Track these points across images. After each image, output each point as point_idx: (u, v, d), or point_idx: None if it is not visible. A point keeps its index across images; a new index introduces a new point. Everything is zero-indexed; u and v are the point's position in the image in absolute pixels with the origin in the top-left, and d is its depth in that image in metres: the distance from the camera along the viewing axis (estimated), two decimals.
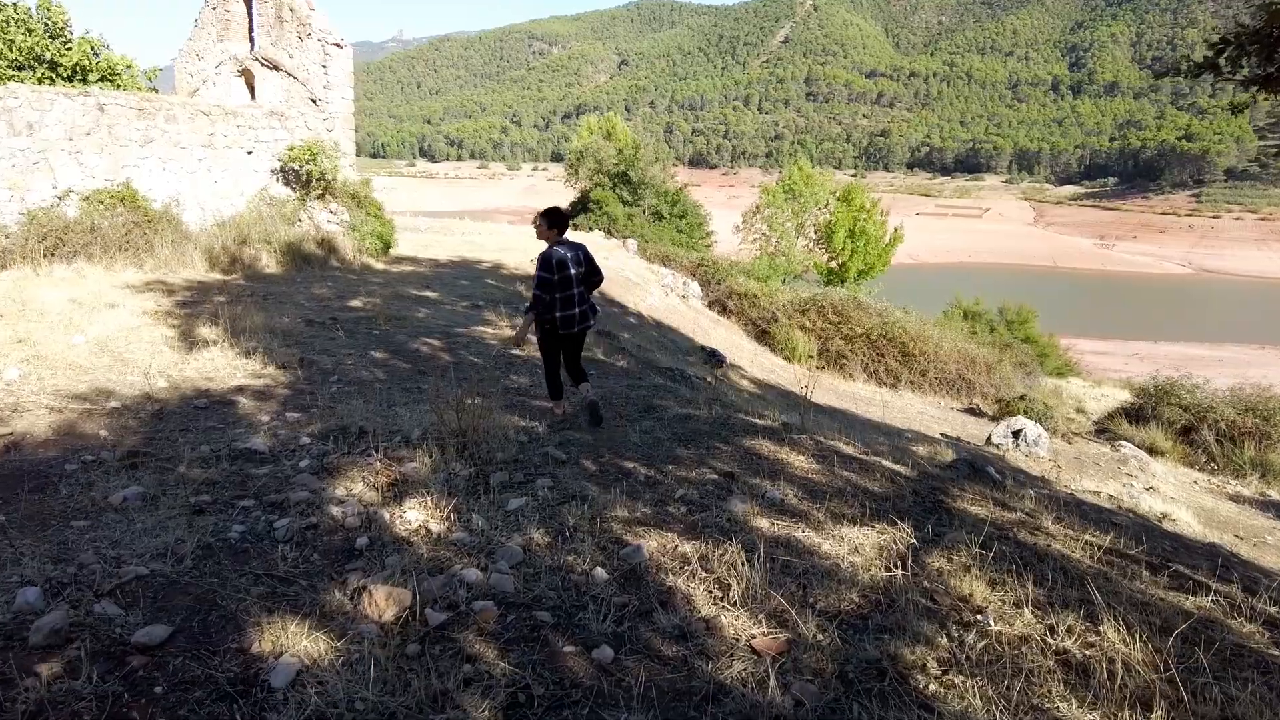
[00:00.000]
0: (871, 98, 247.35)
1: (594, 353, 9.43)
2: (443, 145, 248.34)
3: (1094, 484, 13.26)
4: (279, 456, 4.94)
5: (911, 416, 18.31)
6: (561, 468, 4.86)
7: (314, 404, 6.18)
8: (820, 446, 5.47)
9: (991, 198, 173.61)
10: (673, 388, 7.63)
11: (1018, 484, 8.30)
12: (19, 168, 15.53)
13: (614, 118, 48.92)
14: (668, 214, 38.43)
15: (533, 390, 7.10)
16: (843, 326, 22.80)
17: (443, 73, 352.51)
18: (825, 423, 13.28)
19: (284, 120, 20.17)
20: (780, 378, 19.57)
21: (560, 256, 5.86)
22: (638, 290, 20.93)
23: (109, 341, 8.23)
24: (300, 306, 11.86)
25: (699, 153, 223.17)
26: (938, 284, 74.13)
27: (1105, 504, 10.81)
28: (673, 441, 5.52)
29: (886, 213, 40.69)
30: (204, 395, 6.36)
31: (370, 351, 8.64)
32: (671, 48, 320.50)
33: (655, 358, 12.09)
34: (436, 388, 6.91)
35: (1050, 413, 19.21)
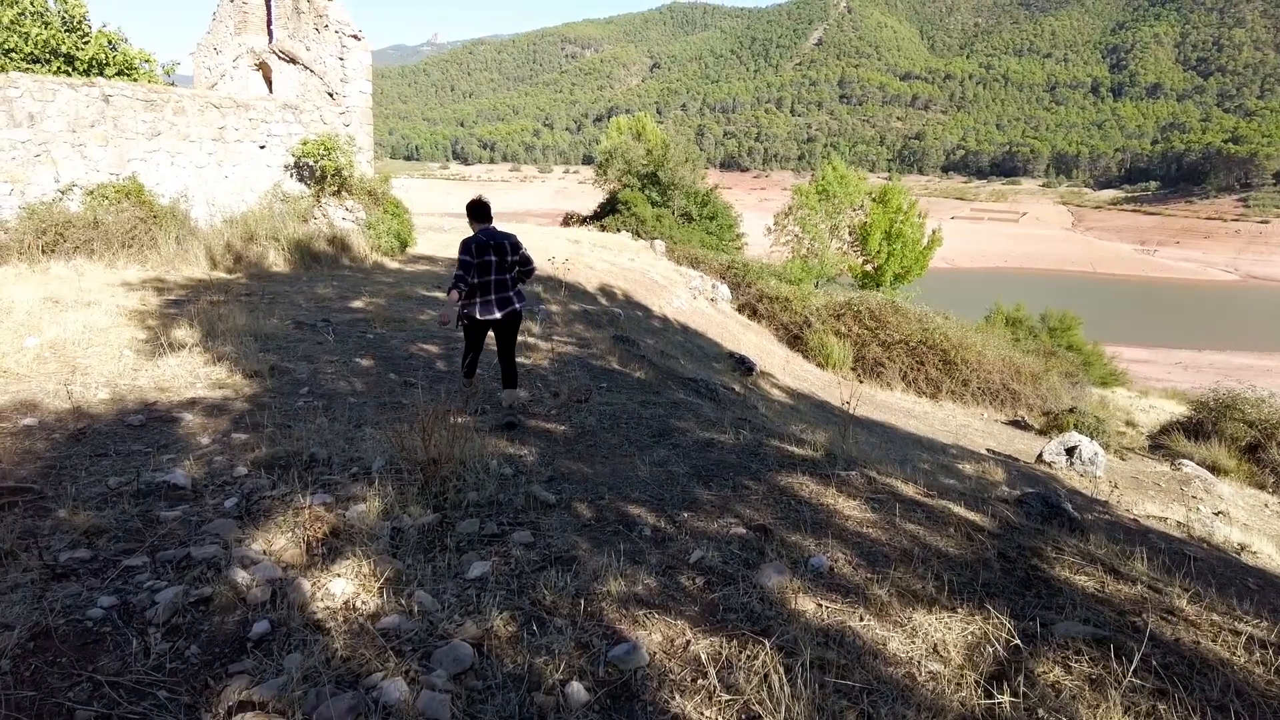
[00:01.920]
0: (906, 100, 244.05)
1: (608, 361, 8.43)
2: (476, 148, 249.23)
3: (1158, 508, 11.99)
4: (201, 493, 3.98)
5: (954, 429, 17.10)
6: (548, 514, 3.84)
7: (271, 422, 5.24)
8: (874, 486, 4.40)
9: (1028, 202, 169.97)
10: (695, 404, 6.61)
11: (1102, 528, 7.14)
12: (19, 160, 14.90)
13: (644, 118, 47.97)
14: (697, 215, 37.35)
15: (531, 406, 6.11)
16: (880, 332, 21.60)
17: (476, 76, 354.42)
18: (864, 438, 12.16)
19: (298, 114, 19.44)
20: (814, 386, 18.45)
21: (479, 243, 5.98)
22: (664, 293, 19.90)
23: (66, 345, 7.39)
24: (296, 307, 10.99)
25: (730, 155, 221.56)
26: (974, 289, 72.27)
27: (1174, 532, 9.58)
28: (691, 478, 4.48)
29: (925, 214, 39.26)
30: (146, 410, 5.45)
31: (356, 358, 7.71)
32: (704, 50, 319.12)
33: (678, 366, 11.04)
34: (419, 404, 5.94)
35: (1102, 427, 17.88)
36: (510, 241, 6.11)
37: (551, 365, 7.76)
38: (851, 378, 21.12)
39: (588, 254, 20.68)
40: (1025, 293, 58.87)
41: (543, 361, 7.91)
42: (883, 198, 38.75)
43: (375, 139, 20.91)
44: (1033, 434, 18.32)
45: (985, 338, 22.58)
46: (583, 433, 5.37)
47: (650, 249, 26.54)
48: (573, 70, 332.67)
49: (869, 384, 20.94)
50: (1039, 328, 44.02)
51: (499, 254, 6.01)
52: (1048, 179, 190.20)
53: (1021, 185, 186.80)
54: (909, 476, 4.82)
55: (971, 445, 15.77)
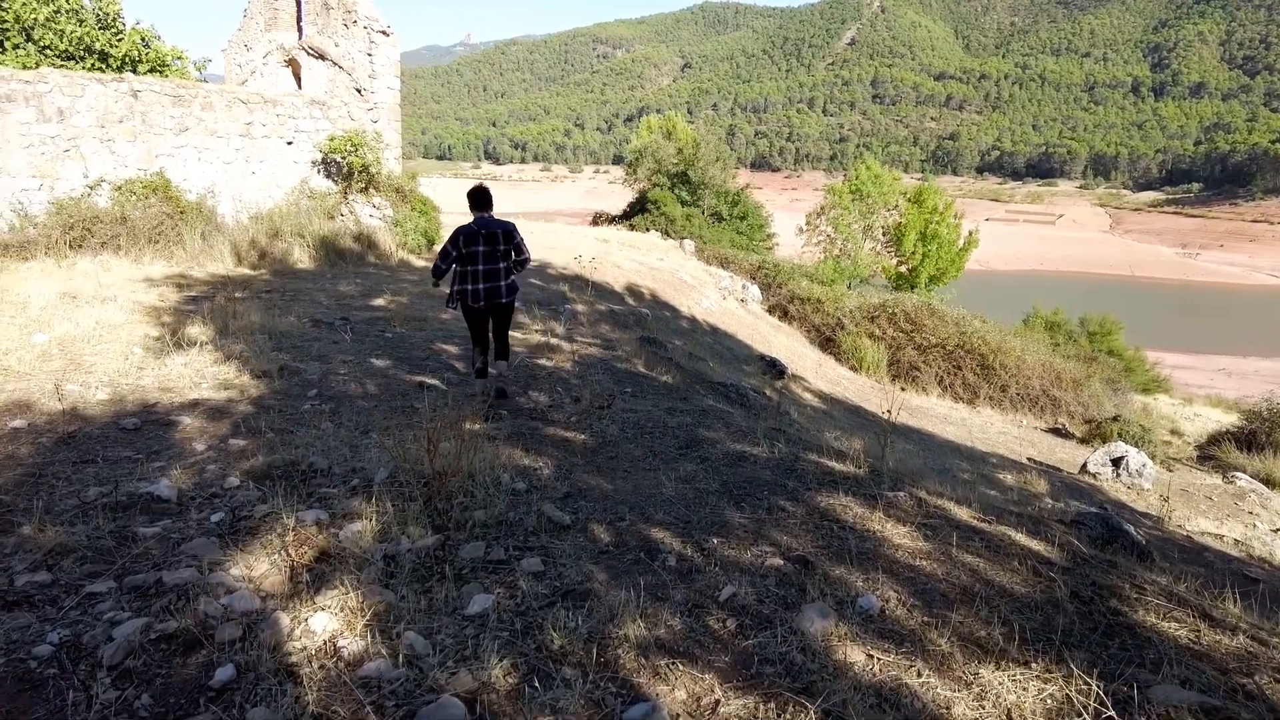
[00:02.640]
0: (940, 100, 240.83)
1: (634, 364, 8.04)
2: (507, 148, 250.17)
3: (1211, 524, 11.34)
4: (186, 506, 3.65)
5: (992, 437, 16.49)
6: (561, 537, 3.45)
7: (273, 427, 4.91)
8: (925, 510, 3.96)
9: (1065, 203, 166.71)
10: (725, 412, 6.18)
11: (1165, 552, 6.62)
12: (49, 155, 14.86)
13: (675, 117, 47.55)
14: (728, 215, 36.83)
15: (550, 413, 5.73)
16: (916, 335, 20.98)
17: (508, 76, 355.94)
18: (902, 445, 11.65)
19: (326, 109, 19.29)
20: (847, 390, 17.91)
21: (469, 231, 5.95)
22: (693, 293, 19.46)
23: (75, 341, 7.16)
24: (316, 304, 10.73)
25: (761, 155, 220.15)
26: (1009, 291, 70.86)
27: (1232, 551, 8.97)
28: (721, 496, 4.06)
29: (961, 215, 38.38)
30: (144, 412, 5.15)
31: (371, 359, 7.39)
32: (735, 50, 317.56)
33: (707, 370, 10.61)
34: (431, 408, 5.59)
35: (1148, 436, 17.17)
36: (504, 230, 6.05)
37: (574, 368, 7.38)
38: (886, 381, 20.56)
39: (616, 253, 20.30)
40: (1062, 296, 57.56)
41: (565, 364, 7.53)
42: (918, 198, 37.96)
43: (409, 138, 20.75)
44: (1074, 442, 17.64)
45: (1024, 342, 21.88)
46: (604, 443, 4.97)
47: (679, 249, 26.11)
48: (604, 70, 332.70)
49: (903, 388, 20.36)
50: (1078, 332, 42.95)
51: (490, 243, 5.96)
52: (1085, 180, 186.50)
53: (1058, 187, 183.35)
54: (962, 497, 4.36)
55: (1011, 454, 15.18)
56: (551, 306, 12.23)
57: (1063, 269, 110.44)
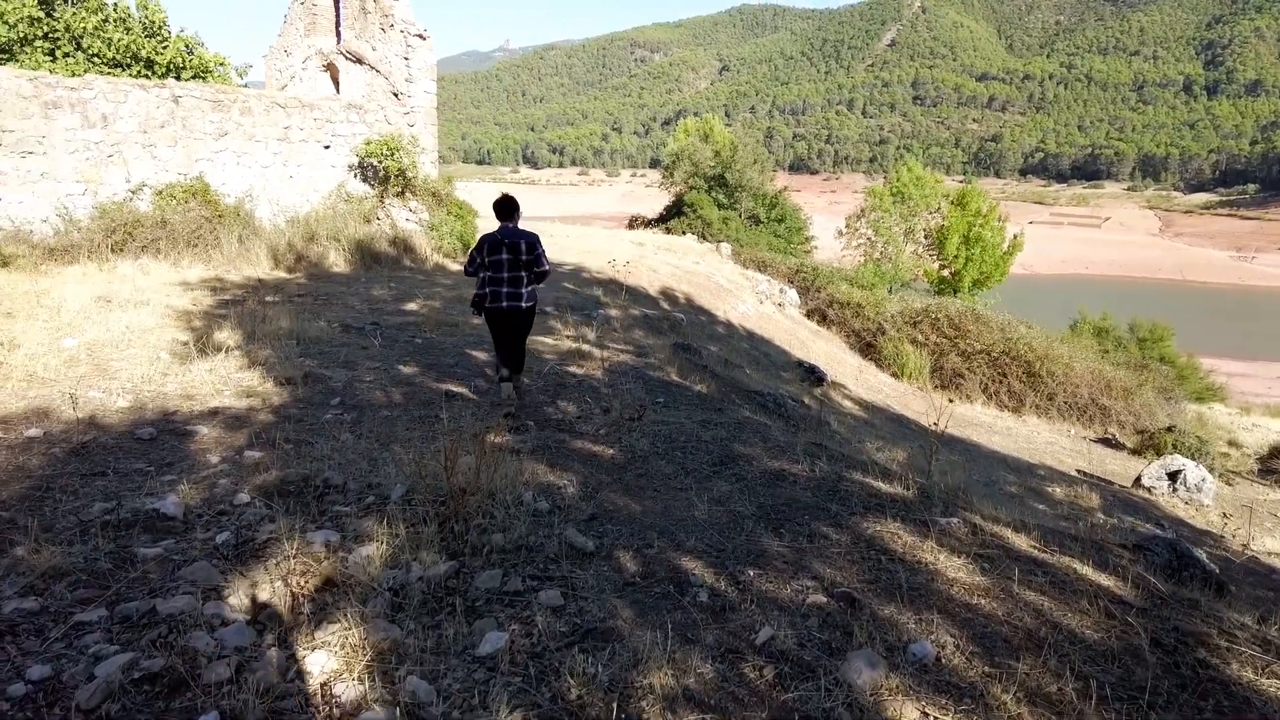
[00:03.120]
0: (982, 101, 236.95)
1: (667, 372, 7.77)
2: (545, 152, 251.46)
3: (1278, 543, 10.77)
4: (192, 524, 3.46)
5: (1039, 447, 15.94)
6: (585, 565, 3.20)
7: (292, 438, 4.74)
8: (981, 538, 3.63)
9: (1112, 206, 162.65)
10: (762, 425, 5.87)
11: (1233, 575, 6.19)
12: (93, 160, 15.05)
13: (712, 119, 47.19)
14: (765, 217, 36.37)
15: (578, 424, 5.48)
16: (960, 341, 20.42)
17: (546, 81, 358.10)
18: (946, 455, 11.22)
19: (362, 113, 19.35)
20: (889, 398, 17.45)
21: (493, 240, 6.12)
22: (729, 297, 19.13)
23: (104, 346, 7.09)
24: (349, 309, 10.63)
25: (799, 157, 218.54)
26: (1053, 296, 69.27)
27: None
28: (758, 521, 3.77)
29: (1005, 218, 37.48)
30: (163, 421, 5.01)
31: (399, 365, 7.22)
32: (773, 52, 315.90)
33: (744, 377, 10.29)
34: (456, 419, 5.38)
35: (1205, 448, 16.46)
36: (526, 241, 6.11)
37: (604, 376, 7.13)
38: (928, 389, 20.04)
39: (651, 256, 20.06)
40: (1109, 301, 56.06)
41: (596, 371, 7.28)
42: (961, 200, 37.16)
43: (448, 144, 20.76)
44: (1125, 454, 17.01)
45: (1072, 349, 21.18)
46: (633, 458, 4.71)
47: (716, 252, 25.79)
48: (641, 74, 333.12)
49: (946, 396, 19.84)
50: (1127, 338, 41.75)
51: (512, 252, 6.04)
52: (1133, 182, 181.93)
53: (1105, 189, 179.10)
54: (1020, 523, 4.02)
55: (1059, 465, 14.64)
56: (584, 311, 12.02)
57: (1109, 273, 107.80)
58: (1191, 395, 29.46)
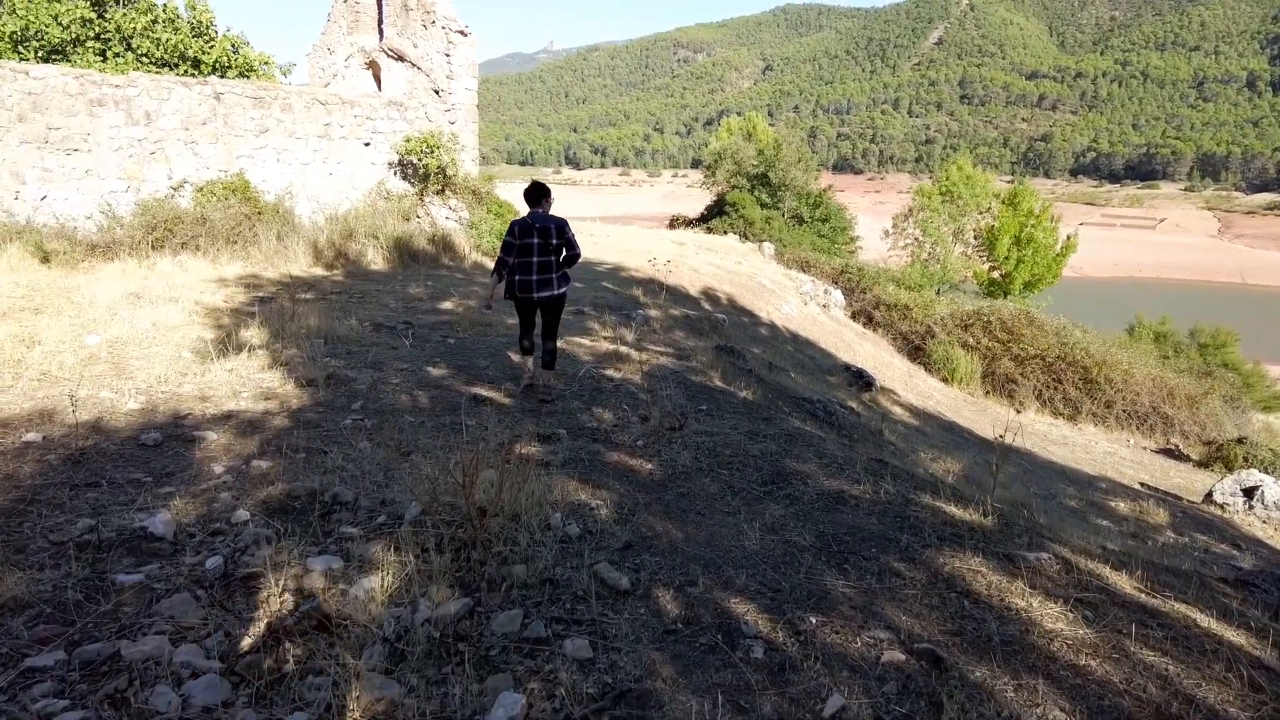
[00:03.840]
0: (1032, 100, 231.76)
1: (709, 377, 7.29)
2: (587, 153, 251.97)
3: None
4: (181, 546, 3.10)
5: (1098, 457, 15.15)
6: (618, 607, 2.75)
7: (305, 446, 4.38)
8: (1075, 577, 3.11)
9: (1167, 207, 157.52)
10: (815, 437, 5.37)
11: None
12: (136, 158, 15.06)
13: (755, 117, 46.55)
14: (809, 217, 35.63)
15: (615, 434, 5.04)
16: (1013, 346, 19.62)
17: (590, 82, 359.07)
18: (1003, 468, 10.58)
19: (403, 110, 19.19)
20: (939, 404, 16.76)
21: (523, 225, 6.16)
22: (772, 298, 18.57)
23: (126, 344, 6.85)
24: (383, 307, 10.34)
25: (843, 157, 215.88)
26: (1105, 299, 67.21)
27: None
28: (818, 554, 3.29)
29: (1058, 218, 36.26)
30: (172, 425, 4.69)
31: (428, 367, 6.85)
32: (818, 51, 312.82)
33: (790, 383, 9.77)
34: (484, 426, 4.98)
35: None
36: (556, 225, 6.18)
37: (643, 380, 6.69)
38: (980, 394, 19.29)
39: (692, 256, 19.58)
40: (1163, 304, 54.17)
41: (634, 375, 6.84)
42: (1012, 200, 36.03)
43: (492, 145, 20.63)
44: (1190, 466, 16.12)
45: (1131, 354, 20.22)
46: (674, 474, 4.26)
47: (758, 252, 25.21)
48: (684, 74, 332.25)
49: (998, 402, 19.07)
50: (1187, 344, 40.19)
51: (543, 236, 6.10)
52: (1191, 182, 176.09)
53: (1160, 189, 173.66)
54: (1118, 559, 3.48)
55: (1121, 478, 13.85)
56: (623, 311, 11.59)
57: (1164, 276, 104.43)
58: (1258, 404, 28.12)
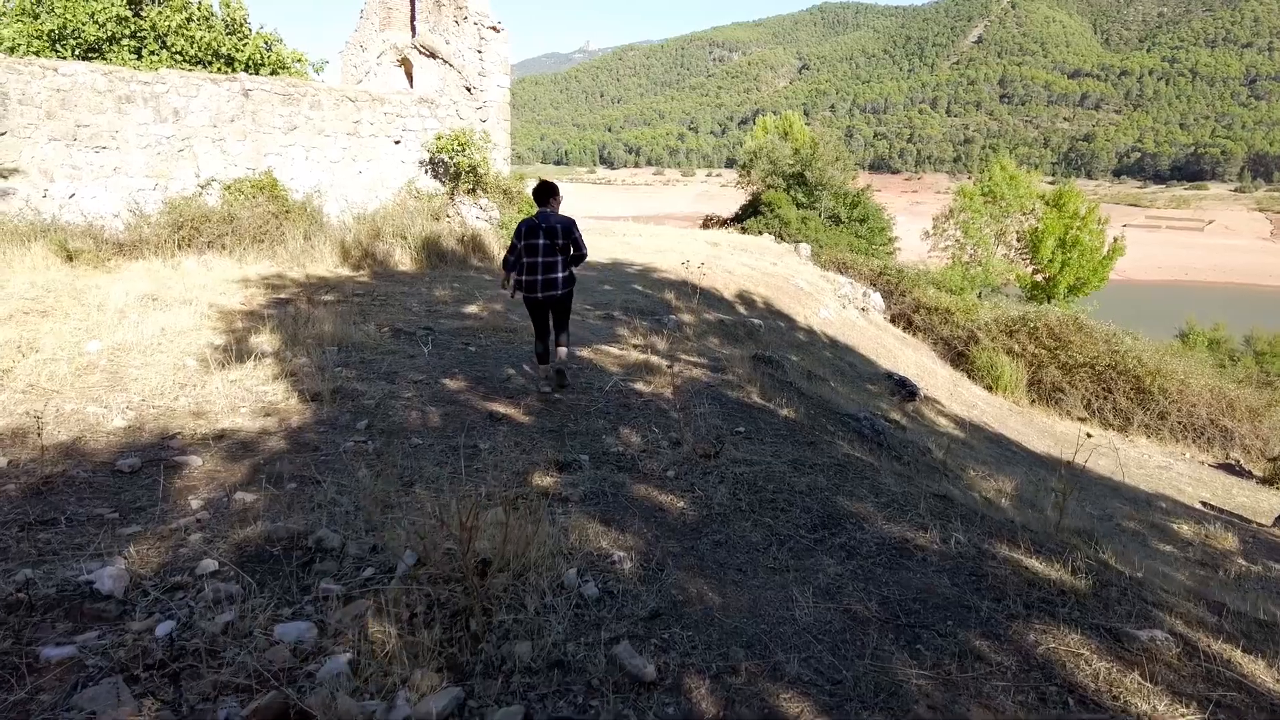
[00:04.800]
0: (1074, 99, 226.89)
1: (747, 392, 6.74)
2: (621, 152, 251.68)
3: None
4: (130, 608, 2.64)
5: (1152, 473, 14.34)
6: (641, 701, 2.23)
7: (297, 474, 3.92)
8: (1200, 665, 2.53)
9: (1216, 208, 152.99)
10: (866, 466, 4.78)
11: None
12: (164, 155, 14.89)
13: (792, 116, 45.74)
14: (846, 217, 34.79)
15: (642, 460, 4.52)
16: (1060, 353, 18.82)
17: (625, 81, 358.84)
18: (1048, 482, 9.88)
19: (434, 108, 18.86)
20: (985, 414, 16.03)
21: (530, 224, 6.29)
22: (810, 301, 17.92)
23: (128, 350, 6.48)
24: (406, 310, 9.93)
25: (880, 157, 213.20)
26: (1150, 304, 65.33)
27: None
28: (884, 629, 2.74)
29: (1105, 220, 35.07)
30: (157, 447, 4.27)
31: (444, 379, 6.39)
32: (855, 50, 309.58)
33: (832, 396, 9.17)
34: (493, 450, 4.49)
35: None
36: (563, 225, 6.31)
37: (675, 396, 6.15)
38: (1025, 403, 18.50)
39: (726, 257, 18.99)
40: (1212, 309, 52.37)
41: (665, 389, 6.31)
42: (1057, 201, 34.93)
43: (528, 144, 20.28)
44: (1254, 483, 15.26)
45: (1186, 363, 19.27)
46: (709, 515, 3.72)
47: (794, 253, 24.55)
48: (719, 74, 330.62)
49: (1044, 412, 18.28)
50: (1241, 351, 38.70)
51: (549, 236, 6.22)
52: (1241, 183, 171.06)
53: (1208, 190, 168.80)
54: (1246, 636, 2.88)
55: (1180, 496, 13.05)
56: (655, 316, 11.07)
57: (1213, 280, 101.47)
58: None
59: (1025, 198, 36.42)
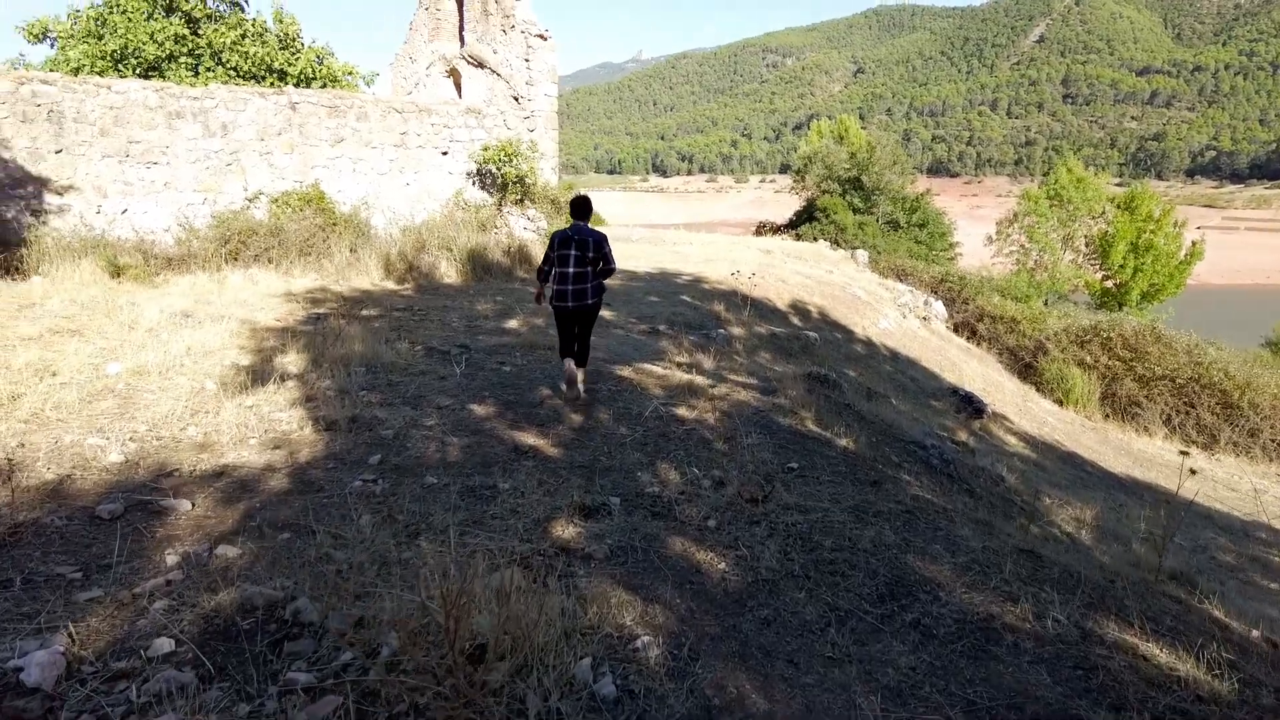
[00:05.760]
0: (1143, 97, 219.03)
1: (800, 418, 6.14)
2: (674, 160, 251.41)
3: None
4: (56, 705, 2.22)
5: (1245, 496, 13.22)
6: None
7: (292, 522, 3.50)
8: None
9: None
10: (939, 512, 4.14)
11: None
12: (213, 170, 14.91)
13: (848, 119, 44.84)
14: (905, 222, 33.75)
15: (680, 505, 3.98)
16: (1137, 365, 17.67)
17: (678, 89, 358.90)
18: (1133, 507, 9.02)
19: (481, 118, 18.65)
20: (1056, 432, 15.10)
21: (563, 236, 6.43)
22: (868, 311, 17.16)
23: (149, 373, 6.19)
24: (443, 327, 9.57)
25: (938, 160, 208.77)
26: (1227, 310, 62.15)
27: None
28: None
29: (1183, 223, 33.31)
30: (148, 486, 3.90)
31: (473, 404, 5.95)
32: (911, 53, 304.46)
33: (894, 417, 8.50)
34: (514, 490, 4.00)
35: None
36: (594, 239, 6.45)
37: (720, 423, 5.60)
38: (1098, 418, 17.42)
39: (779, 265, 18.33)
40: None
41: (709, 416, 5.76)
42: (1129, 204, 33.30)
43: (581, 154, 19.93)
44: None
45: (1277, 375, 17.95)
46: (755, 581, 3.17)
47: (851, 260, 23.73)
48: (773, 79, 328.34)
49: (1119, 427, 17.16)
50: None
51: (580, 249, 6.37)
52: None
53: None
54: None
55: (1278, 523, 11.97)
56: (703, 330, 10.52)
57: None
58: None
59: (1094, 201, 34.90)
